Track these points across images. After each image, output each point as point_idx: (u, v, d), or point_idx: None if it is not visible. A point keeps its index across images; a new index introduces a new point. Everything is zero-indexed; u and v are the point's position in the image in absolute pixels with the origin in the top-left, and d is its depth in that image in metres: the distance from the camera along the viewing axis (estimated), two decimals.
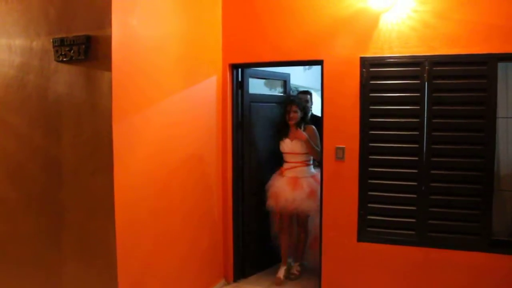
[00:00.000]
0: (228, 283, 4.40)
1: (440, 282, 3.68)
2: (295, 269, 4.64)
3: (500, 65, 3.52)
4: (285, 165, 4.50)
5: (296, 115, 4.39)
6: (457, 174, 3.59)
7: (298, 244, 4.64)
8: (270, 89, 5.28)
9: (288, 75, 5.03)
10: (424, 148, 3.64)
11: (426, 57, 3.60)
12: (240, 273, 4.51)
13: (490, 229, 3.57)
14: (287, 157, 4.50)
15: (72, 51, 2.86)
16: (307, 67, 6.24)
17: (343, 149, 3.85)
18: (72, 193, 2.98)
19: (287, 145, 4.46)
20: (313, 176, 4.46)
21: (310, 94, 4.99)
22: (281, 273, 4.50)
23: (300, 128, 4.38)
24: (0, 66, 3.16)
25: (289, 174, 4.44)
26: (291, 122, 4.39)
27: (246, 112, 4.43)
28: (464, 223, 3.60)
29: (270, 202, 4.43)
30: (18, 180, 3.18)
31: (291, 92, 5.12)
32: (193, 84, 3.77)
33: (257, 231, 4.65)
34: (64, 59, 2.89)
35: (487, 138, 3.50)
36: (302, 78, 6.16)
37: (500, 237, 3.65)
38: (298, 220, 4.54)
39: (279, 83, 5.01)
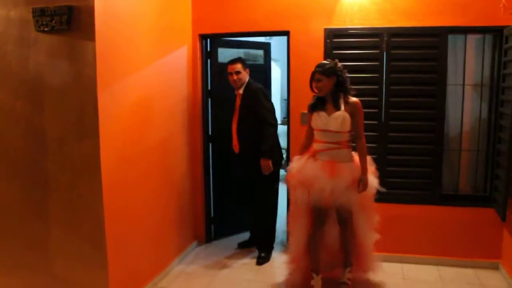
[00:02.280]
0: (200, 245, 4.65)
1: (398, 234, 4.10)
2: (347, 276, 3.55)
3: (450, 37, 3.89)
4: (317, 146, 3.42)
5: (321, 84, 3.32)
6: (411, 136, 3.99)
7: (346, 246, 3.56)
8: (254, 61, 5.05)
9: (268, 44, 5.02)
10: (383, 112, 3.99)
11: (384, 29, 3.91)
12: (211, 236, 4.76)
13: (440, 184, 4.01)
14: (320, 135, 3.40)
15: (53, 21, 2.91)
16: (268, 37, 6.42)
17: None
18: (57, 160, 3.07)
19: (322, 120, 3.36)
20: (354, 161, 3.43)
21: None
22: (319, 285, 3.49)
23: (339, 100, 3.34)
24: None
25: (323, 157, 3.37)
26: (320, 93, 3.37)
27: (215, 81, 4.58)
28: (418, 180, 4.02)
29: (297, 193, 3.42)
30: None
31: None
32: (166, 53, 3.89)
33: (223, 198, 4.81)
34: (46, 29, 2.94)
35: (438, 103, 3.89)
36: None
37: (448, 191, 4.10)
38: (340, 218, 3.47)
39: (260, 53, 4.93)
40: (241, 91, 4.22)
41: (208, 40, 4.50)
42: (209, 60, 4.53)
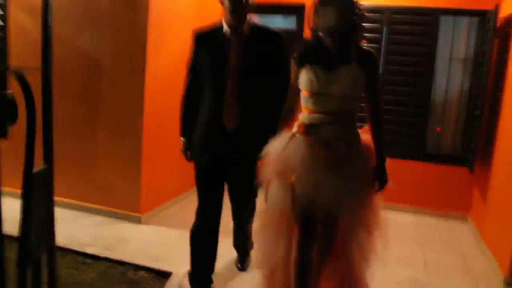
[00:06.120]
0: None
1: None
2: None
3: (442, 17, 4.55)
4: (309, 118, 2.24)
5: (333, 18, 2.09)
6: (402, 99, 4.67)
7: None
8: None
9: (302, 7, 4.66)
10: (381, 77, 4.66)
11: (386, 7, 4.59)
12: None
13: (424, 143, 4.70)
14: (314, 103, 2.22)
15: None
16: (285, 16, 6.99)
17: None
18: (109, 87, 3.82)
19: (320, 79, 2.17)
20: (364, 145, 2.30)
21: None
22: None
23: (350, 49, 2.18)
24: None
25: (318, 136, 2.20)
26: (329, 37, 2.17)
27: None
28: (405, 138, 4.70)
29: (273, 191, 2.25)
30: (59, 77, 3.90)
31: None
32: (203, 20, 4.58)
33: None
34: None
35: (427, 73, 4.57)
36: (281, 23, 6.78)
37: (431, 151, 4.80)
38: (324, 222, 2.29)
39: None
40: (245, 29, 2.61)
41: None
42: None
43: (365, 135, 2.31)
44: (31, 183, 1.41)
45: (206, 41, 2.67)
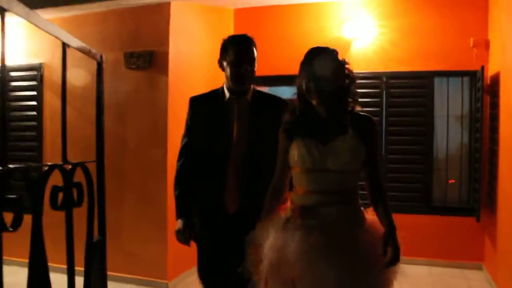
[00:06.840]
0: None
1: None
2: None
3: (436, 79, 4.94)
4: (303, 199, 1.96)
5: (328, 67, 1.92)
6: (406, 157, 4.96)
7: None
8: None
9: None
10: (384, 139, 4.99)
11: (384, 73, 4.99)
12: None
13: (431, 197, 4.92)
14: (309, 181, 1.95)
15: (139, 61, 4.09)
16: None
17: None
18: (133, 163, 4.17)
19: (314, 154, 1.91)
20: (369, 224, 1.99)
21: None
22: None
23: (345, 116, 1.96)
24: (81, 71, 4.32)
25: (317, 221, 1.88)
26: (321, 104, 1.93)
27: None
28: (412, 193, 4.94)
29: None
30: (89, 155, 4.32)
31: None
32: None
33: None
34: (133, 67, 4.11)
35: (428, 131, 4.89)
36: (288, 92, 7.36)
37: (438, 203, 5.01)
38: None
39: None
40: (248, 97, 2.39)
41: None
42: None
43: (370, 216, 1.99)
44: (92, 253, 1.68)
45: (205, 106, 2.42)
